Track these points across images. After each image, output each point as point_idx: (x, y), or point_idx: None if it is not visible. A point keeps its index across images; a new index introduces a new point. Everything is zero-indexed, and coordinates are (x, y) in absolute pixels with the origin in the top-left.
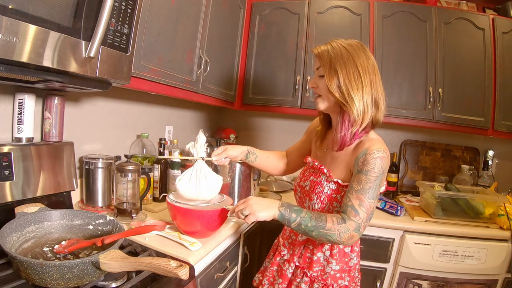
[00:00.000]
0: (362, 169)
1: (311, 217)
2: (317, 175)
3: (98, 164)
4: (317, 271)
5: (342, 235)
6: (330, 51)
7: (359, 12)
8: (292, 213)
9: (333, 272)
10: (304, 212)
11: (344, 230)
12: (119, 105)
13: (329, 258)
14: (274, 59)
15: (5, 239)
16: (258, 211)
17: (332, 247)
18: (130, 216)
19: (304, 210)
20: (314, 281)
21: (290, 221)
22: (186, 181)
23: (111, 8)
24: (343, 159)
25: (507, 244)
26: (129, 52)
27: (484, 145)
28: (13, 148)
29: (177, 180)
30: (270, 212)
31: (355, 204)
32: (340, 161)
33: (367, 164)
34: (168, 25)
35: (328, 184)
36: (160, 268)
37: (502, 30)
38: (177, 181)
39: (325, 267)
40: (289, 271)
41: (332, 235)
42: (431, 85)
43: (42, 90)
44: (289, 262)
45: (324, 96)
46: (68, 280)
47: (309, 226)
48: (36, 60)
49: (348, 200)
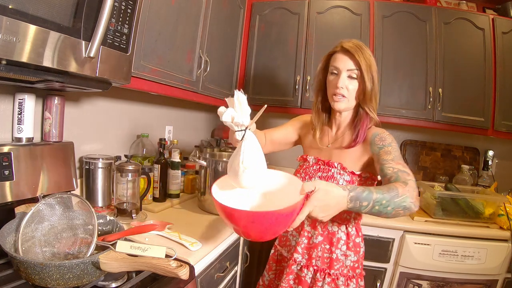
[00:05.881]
0: (384, 144)
1: (383, 193)
2: (326, 171)
3: (98, 164)
4: (338, 268)
5: (412, 195)
6: (366, 56)
7: (359, 12)
8: (363, 202)
9: (351, 264)
10: (375, 193)
11: (412, 189)
12: (119, 105)
13: (346, 251)
14: (274, 59)
15: (5, 239)
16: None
17: (347, 240)
18: (130, 216)
19: (372, 192)
20: (338, 278)
21: (360, 210)
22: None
23: (111, 8)
24: (353, 152)
25: (507, 244)
26: (129, 52)
27: (484, 145)
28: (13, 148)
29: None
30: (335, 212)
31: (401, 168)
32: (349, 153)
33: (385, 139)
34: (168, 25)
35: (342, 176)
36: (160, 268)
37: (502, 30)
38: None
39: (344, 262)
40: (308, 276)
41: (405, 199)
42: (431, 85)
43: (42, 90)
44: (307, 267)
45: (349, 98)
46: (68, 280)
47: (383, 203)
48: (36, 60)
49: (392, 169)
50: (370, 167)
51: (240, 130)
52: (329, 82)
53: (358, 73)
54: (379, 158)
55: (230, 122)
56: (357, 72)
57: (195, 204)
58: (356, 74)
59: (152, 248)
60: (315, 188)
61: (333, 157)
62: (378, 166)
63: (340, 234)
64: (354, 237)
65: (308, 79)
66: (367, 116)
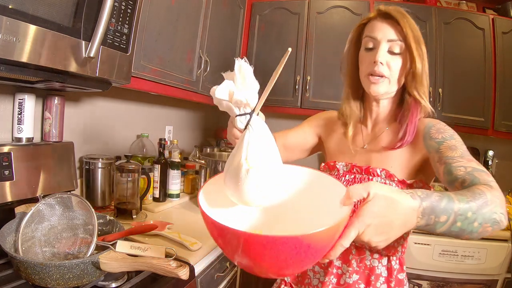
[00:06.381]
0: (444, 137)
1: (468, 200)
2: (366, 180)
3: (98, 164)
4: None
5: (502, 203)
6: (413, 26)
7: (359, 12)
8: (440, 216)
9: None
10: (456, 202)
11: (500, 195)
12: (119, 105)
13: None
14: (274, 59)
15: (5, 239)
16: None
17: (389, 277)
18: (130, 216)
19: (453, 199)
20: None
21: (435, 228)
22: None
23: (111, 8)
24: (400, 153)
25: (507, 244)
26: (129, 52)
27: (484, 145)
28: (13, 148)
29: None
30: (398, 234)
31: (475, 166)
32: (394, 156)
33: (445, 131)
34: (168, 25)
35: None
36: (160, 268)
37: (502, 30)
38: (244, 177)
39: None
40: None
41: (495, 208)
42: (431, 85)
43: (42, 90)
44: None
45: (392, 80)
46: (68, 280)
47: (469, 217)
48: (36, 60)
49: (464, 168)
50: (423, 172)
51: (242, 114)
52: (363, 59)
53: (403, 45)
54: (441, 156)
55: (227, 101)
56: (401, 45)
57: (195, 204)
58: (399, 47)
59: (152, 248)
60: (369, 194)
61: (373, 161)
62: (440, 168)
63: (381, 270)
64: (397, 272)
65: (308, 79)
66: (416, 104)
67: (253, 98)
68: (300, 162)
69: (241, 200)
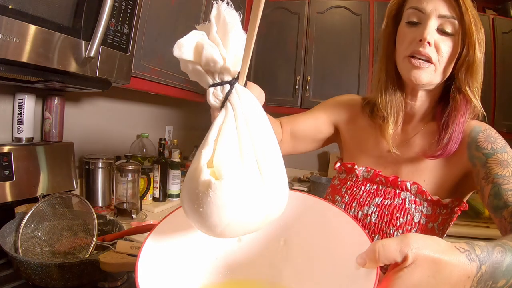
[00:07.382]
0: (495, 148)
1: None
2: (391, 195)
3: (98, 164)
4: None
5: None
6: (470, 5)
7: (359, 12)
8: (499, 280)
9: None
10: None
11: None
12: (119, 105)
13: None
14: (274, 59)
15: (5, 239)
16: None
17: None
18: (130, 216)
19: (508, 254)
20: None
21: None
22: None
23: (111, 8)
24: (438, 164)
25: None
26: (129, 52)
27: None
28: (13, 148)
29: None
30: None
31: None
32: (430, 166)
33: (496, 140)
34: (168, 25)
35: (419, 208)
36: None
37: (502, 30)
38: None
39: None
40: None
41: None
42: None
43: (42, 90)
44: None
45: (438, 67)
46: (68, 280)
47: None
48: (36, 60)
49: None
50: (461, 189)
51: (218, 83)
52: (403, 37)
53: (457, 25)
54: (488, 173)
55: (193, 63)
56: (455, 24)
57: None
58: (452, 27)
59: None
60: (407, 258)
61: (402, 171)
62: (486, 188)
63: None
64: None
65: (308, 79)
66: (467, 104)
67: (236, 60)
68: (307, 154)
69: (203, 227)
